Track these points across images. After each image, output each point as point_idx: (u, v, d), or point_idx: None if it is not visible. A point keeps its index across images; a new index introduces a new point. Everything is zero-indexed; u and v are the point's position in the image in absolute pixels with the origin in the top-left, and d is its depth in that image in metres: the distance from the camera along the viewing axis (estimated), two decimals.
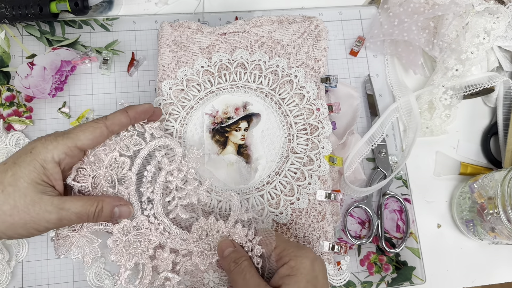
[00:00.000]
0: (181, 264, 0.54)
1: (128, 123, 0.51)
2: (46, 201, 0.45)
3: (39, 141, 0.47)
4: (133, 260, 0.52)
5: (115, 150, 0.52)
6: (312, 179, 0.59)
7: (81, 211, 0.47)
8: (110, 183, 0.53)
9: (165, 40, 0.64)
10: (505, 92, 0.70)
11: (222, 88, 0.63)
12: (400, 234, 0.65)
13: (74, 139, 0.48)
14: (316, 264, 0.47)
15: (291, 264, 0.46)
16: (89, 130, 0.48)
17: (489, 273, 0.66)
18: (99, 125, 0.49)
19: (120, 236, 0.52)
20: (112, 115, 0.50)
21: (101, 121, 0.49)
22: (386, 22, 0.70)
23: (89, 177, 0.52)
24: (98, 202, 0.49)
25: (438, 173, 0.69)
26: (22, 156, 0.46)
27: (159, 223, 0.54)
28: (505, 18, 0.67)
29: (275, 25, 0.66)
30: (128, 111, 0.51)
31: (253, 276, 0.47)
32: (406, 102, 0.68)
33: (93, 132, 0.48)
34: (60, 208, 0.46)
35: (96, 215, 0.48)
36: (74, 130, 0.48)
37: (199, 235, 0.54)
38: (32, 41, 0.67)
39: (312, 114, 0.62)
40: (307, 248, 0.48)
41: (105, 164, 0.52)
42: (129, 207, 0.52)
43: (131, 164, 0.53)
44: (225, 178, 0.60)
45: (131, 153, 0.53)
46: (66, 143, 0.47)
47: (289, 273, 0.46)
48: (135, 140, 0.53)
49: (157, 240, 0.53)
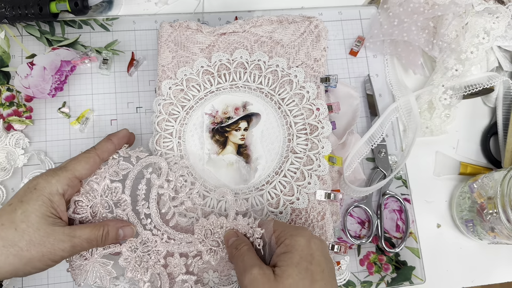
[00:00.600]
0: (193, 265, 0.56)
1: (114, 149, 0.56)
2: (58, 232, 0.48)
3: (40, 178, 0.50)
4: (148, 273, 0.55)
5: (105, 178, 0.56)
6: (312, 179, 0.59)
7: (90, 236, 0.51)
8: (107, 209, 0.56)
9: (165, 40, 0.65)
10: (504, 92, 0.70)
11: (221, 88, 0.63)
12: (399, 234, 0.65)
13: (73, 170, 0.52)
14: (313, 243, 0.47)
15: (286, 242, 0.48)
16: (84, 160, 0.53)
17: (489, 273, 0.67)
18: (91, 154, 0.54)
19: (129, 254, 0.55)
20: (100, 145, 0.55)
21: (92, 151, 0.54)
22: (386, 22, 0.71)
23: (87, 207, 0.55)
24: (103, 226, 0.52)
25: (438, 173, 0.69)
26: (27, 194, 0.49)
27: (162, 233, 0.57)
28: (504, 18, 0.67)
29: (275, 25, 0.66)
30: (112, 139, 0.56)
31: (251, 258, 0.49)
32: (405, 102, 0.68)
33: (88, 162, 0.53)
34: (72, 236, 0.49)
35: (103, 238, 0.52)
36: (70, 163, 0.52)
37: (204, 234, 0.56)
38: (32, 41, 0.67)
39: (312, 114, 0.62)
40: (304, 228, 0.50)
41: (99, 192, 0.56)
42: (131, 227, 0.55)
43: (123, 187, 0.57)
44: (225, 178, 0.60)
45: (121, 177, 0.57)
46: (67, 175, 0.51)
47: (284, 250, 0.47)
48: (122, 165, 0.57)
49: (164, 249, 0.56)
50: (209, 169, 0.60)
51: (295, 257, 0.46)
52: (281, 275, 0.45)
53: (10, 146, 0.62)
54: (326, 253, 0.48)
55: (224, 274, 0.57)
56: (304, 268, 0.45)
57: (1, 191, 0.61)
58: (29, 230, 0.47)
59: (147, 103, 0.66)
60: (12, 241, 0.46)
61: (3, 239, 0.46)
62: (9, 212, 0.48)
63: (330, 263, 0.48)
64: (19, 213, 0.47)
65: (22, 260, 0.47)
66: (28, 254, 0.47)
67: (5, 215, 0.48)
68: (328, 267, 0.47)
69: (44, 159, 0.62)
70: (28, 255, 0.47)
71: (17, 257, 0.46)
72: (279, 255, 0.47)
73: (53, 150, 0.64)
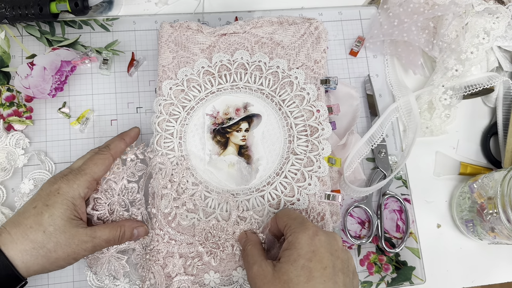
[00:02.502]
0: (192, 265, 0.57)
1: (125, 148, 0.59)
2: (82, 233, 0.52)
3: (62, 182, 0.53)
4: (149, 272, 0.56)
5: (123, 179, 0.59)
6: (312, 180, 0.60)
7: (109, 237, 0.54)
8: (124, 207, 0.59)
9: (165, 40, 0.64)
10: (504, 92, 0.70)
11: (222, 89, 0.63)
12: (400, 234, 0.65)
13: (91, 173, 0.54)
14: (317, 239, 0.48)
15: (289, 239, 0.49)
16: (100, 162, 0.55)
17: (489, 273, 0.67)
18: (107, 155, 0.56)
19: (141, 250, 0.58)
20: (113, 144, 0.57)
21: (107, 152, 0.56)
22: (386, 22, 0.70)
23: (105, 205, 0.58)
24: (120, 227, 0.55)
25: (438, 173, 0.69)
26: (51, 197, 0.51)
27: (164, 233, 0.57)
28: (504, 18, 0.67)
29: (275, 26, 0.66)
30: (125, 138, 0.59)
31: (254, 255, 0.52)
32: (405, 102, 0.69)
33: (104, 163, 0.56)
34: (93, 237, 0.52)
35: (120, 238, 0.55)
36: (87, 165, 0.55)
37: (204, 237, 0.57)
38: (32, 41, 0.67)
39: (312, 116, 0.62)
40: (308, 224, 0.50)
41: (117, 191, 0.58)
42: (145, 227, 0.58)
43: (139, 188, 0.60)
44: (226, 179, 0.60)
45: (137, 178, 0.60)
46: (87, 179, 0.54)
47: (286, 247, 0.49)
48: (138, 166, 0.60)
49: (165, 249, 0.57)
50: (210, 169, 0.60)
51: (293, 255, 0.47)
52: (278, 271, 0.47)
53: (10, 146, 0.62)
54: (333, 249, 0.48)
55: (225, 274, 0.58)
56: (300, 266, 0.46)
57: (1, 191, 0.61)
58: (56, 233, 0.50)
59: (147, 103, 0.66)
60: (41, 243, 0.49)
61: (33, 241, 0.49)
62: (35, 215, 0.50)
63: (337, 259, 0.48)
64: (46, 217, 0.50)
65: (50, 260, 0.50)
66: (55, 254, 0.50)
67: (31, 217, 0.50)
68: (334, 263, 0.47)
69: (44, 159, 0.62)
70: (55, 256, 0.50)
71: (45, 258, 0.50)
72: (283, 251, 0.49)
73: (53, 150, 0.64)
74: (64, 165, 0.62)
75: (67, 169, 0.55)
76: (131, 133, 0.59)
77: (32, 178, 0.61)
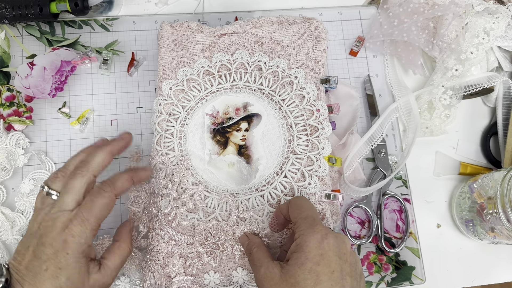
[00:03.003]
0: (192, 266, 0.57)
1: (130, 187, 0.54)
2: (99, 277, 0.50)
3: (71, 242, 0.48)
4: (149, 271, 0.57)
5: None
6: (312, 180, 0.60)
7: (122, 260, 0.53)
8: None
9: (165, 40, 0.64)
10: (504, 92, 0.70)
11: (222, 89, 0.63)
12: (399, 234, 0.65)
13: (97, 221, 0.49)
14: (326, 243, 0.47)
15: (298, 241, 0.48)
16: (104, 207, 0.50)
17: (489, 273, 0.67)
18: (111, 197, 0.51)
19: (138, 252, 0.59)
20: (120, 183, 0.52)
21: (110, 192, 0.51)
22: (386, 22, 0.71)
23: (142, 203, 0.60)
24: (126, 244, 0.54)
25: (438, 173, 0.69)
26: (62, 259, 0.47)
27: (164, 233, 0.57)
28: (504, 18, 0.67)
29: (275, 26, 0.66)
30: (134, 179, 0.54)
31: (260, 258, 0.52)
32: (405, 102, 0.69)
33: (108, 208, 0.50)
34: (110, 275, 0.51)
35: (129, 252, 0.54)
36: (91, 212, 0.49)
37: (204, 237, 0.57)
38: (32, 41, 0.67)
39: (312, 115, 0.62)
40: (319, 225, 0.49)
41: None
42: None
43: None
44: (226, 179, 0.60)
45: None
46: (92, 228, 0.49)
47: (294, 249, 0.48)
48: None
49: (165, 249, 0.57)
50: (210, 169, 0.60)
51: (301, 258, 0.47)
52: (285, 273, 0.47)
53: (10, 146, 0.62)
54: (341, 252, 0.48)
55: (225, 274, 0.58)
56: (308, 269, 0.46)
57: (1, 191, 0.61)
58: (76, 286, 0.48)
59: (147, 103, 0.66)
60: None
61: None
62: (51, 279, 0.47)
63: (345, 263, 0.48)
64: (64, 280, 0.47)
65: None
66: None
67: (47, 281, 0.47)
68: (342, 267, 0.47)
69: (44, 159, 0.62)
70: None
71: None
72: (291, 253, 0.49)
73: (53, 150, 0.64)
74: None
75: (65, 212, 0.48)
76: (142, 176, 0.56)
77: (32, 178, 0.61)
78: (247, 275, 0.58)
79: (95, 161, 0.51)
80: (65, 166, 0.52)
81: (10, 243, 0.60)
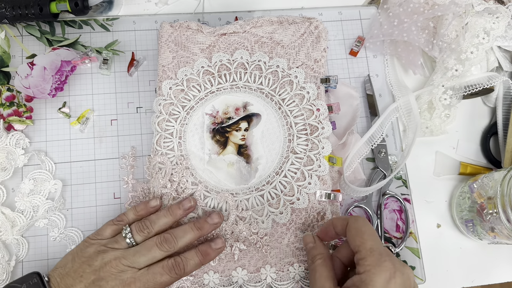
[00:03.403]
0: None
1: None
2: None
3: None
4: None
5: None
6: (312, 179, 0.59)
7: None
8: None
9: (165, 40, 0.65)
10: (504, 92, 0.70)
11: (222, 88, 0.63)
12: (399, 234, 0.65)
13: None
14: (393, 282, 0.44)
15: (363, 277, 0.45)
16: (166, 283, 0.52)
17: (489, 273, 0.67)
18: (176, 279, 0.53)
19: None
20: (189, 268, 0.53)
21: (179, 276, 0.53)
22: (386, 22, 0.71)
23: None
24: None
25: (438, 173, 0.69)
26: None
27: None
28: (504, 18, 0.67)
29: (275, 26, 0.66)
30: (203, 262, 0.55)
31: (320, 277, 0.49)
32: (405, 102, 0.69)
33: (168, 284, 0.53)
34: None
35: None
36: (155, 281, 0.51)
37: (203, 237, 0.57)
38: (32, 41, 0.67)
39: (312, 115, 0.62)
40: (386, 261, 0.45)
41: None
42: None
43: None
44: (226, 178, 0.60)
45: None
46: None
47: (358, 285, 0.45)
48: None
49: None
50: (210, 169, 0.60)
51: None
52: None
53: (11, 146, 0.62)
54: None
55: (224, 274, 0.57)
56: None
57: (1, 191, 0.61)
58: None
59: (147, 103, 0.66)
60: None
61: None
62: None
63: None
64: None
65: None
66: None
67: None
68: None
69: (44, 159, 0.62)
70: None
71: None
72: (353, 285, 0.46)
73: (53, 150, 0.64)
74: (64, 165, 0.63)
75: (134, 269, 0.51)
76: (212, 258, 0.56)
77: (32, 178, 0.61)
78: (247, 275, 0.58)
79: (182, 241, 0.53)
80: (153, 221, 0.54)
81: (10, 243, 0.60)
